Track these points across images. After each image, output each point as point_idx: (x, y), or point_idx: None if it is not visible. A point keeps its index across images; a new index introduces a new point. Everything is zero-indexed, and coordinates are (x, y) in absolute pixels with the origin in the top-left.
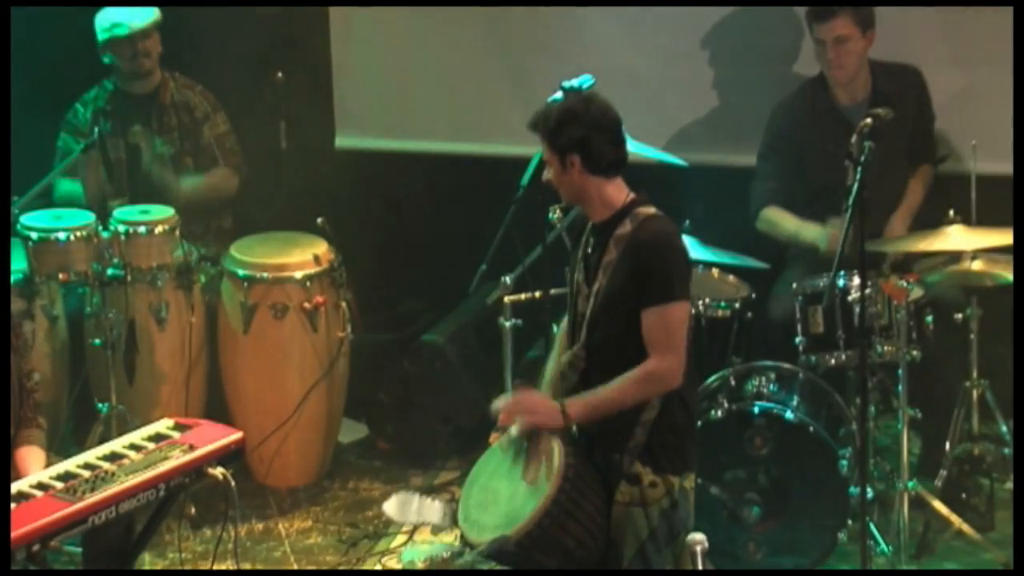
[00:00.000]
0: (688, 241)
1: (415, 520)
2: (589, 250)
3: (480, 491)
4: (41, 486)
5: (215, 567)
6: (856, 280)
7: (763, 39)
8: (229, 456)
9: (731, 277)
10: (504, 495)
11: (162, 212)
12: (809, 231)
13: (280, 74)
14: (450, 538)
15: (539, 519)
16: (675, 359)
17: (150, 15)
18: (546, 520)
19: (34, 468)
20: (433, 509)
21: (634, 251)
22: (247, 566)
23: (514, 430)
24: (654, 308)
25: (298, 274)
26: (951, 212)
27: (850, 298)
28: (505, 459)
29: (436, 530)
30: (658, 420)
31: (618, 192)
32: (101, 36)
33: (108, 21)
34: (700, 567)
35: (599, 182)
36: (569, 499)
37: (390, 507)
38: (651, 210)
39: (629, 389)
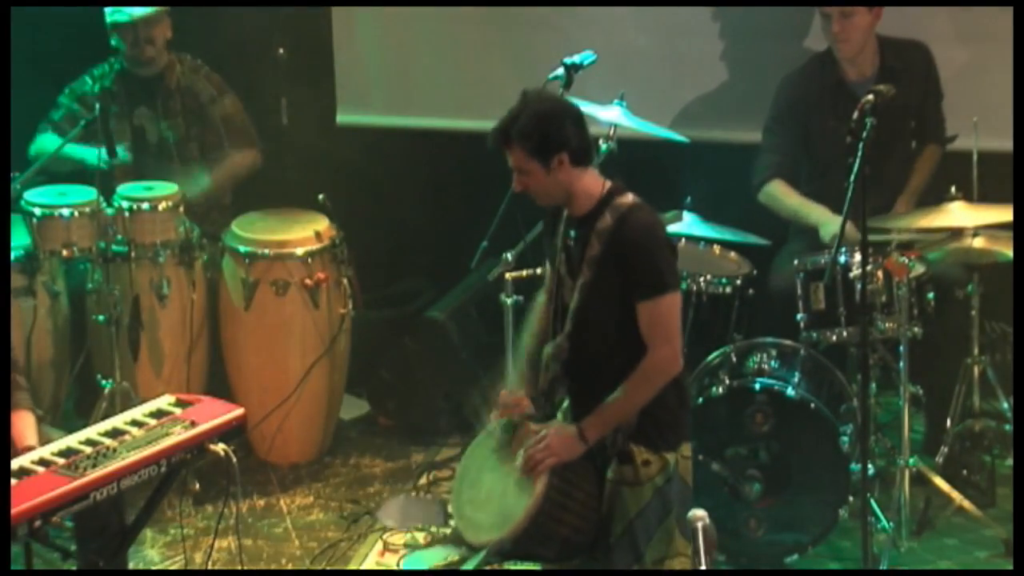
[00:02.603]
0: (689, 218)
1: (414, 524)
2: (571, 242)
3: (470, 487)
4: (43, 462)
5: (216, 543)
6: (857, 257)
7: (767, 15)
8: (231, 432)
9: (732, 254)
10: (496, 491)
11: (166, 188)
12: (812, 213)
13: (281, 50)
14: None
15: (533, 516)
16: (670, 349)
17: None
18: (540, 517)
19: (27, 432)
20: (429, 510)
21: (619, 247)
22: (248, 542)
23: (496, 422)
24: (646, 303)
25: (299, 250)
26: (952, 189)
27: (851, 275)
28: (491, 452)
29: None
30: (649, 403)
31: (595, 181)
32: (108, 18)
33: (113, 6)
34: (701, 544)
35: (580, 174)
36: (559, 492)
37: (386, 515)
38: (629, 199)
39: (635, 390)
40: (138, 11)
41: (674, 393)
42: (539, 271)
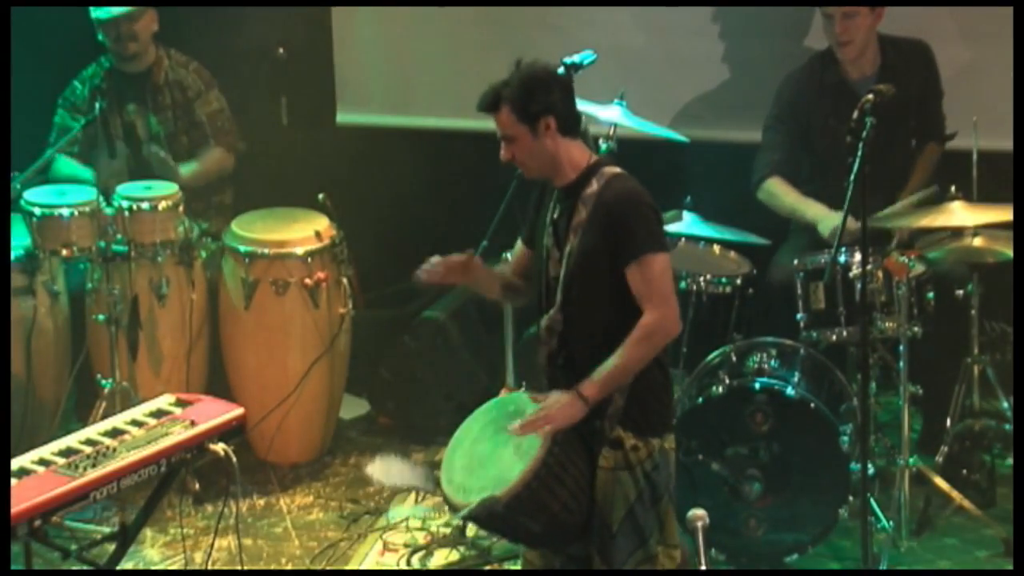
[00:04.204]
0: (689, 217)
1: (398, 483)
2: (555, 215)
3: (464, 455)
4: (43, 461)
5: (216, 543)
6: (857, 256)
7: (767, 14)
8: (230, 432)
9: (732, 253)
10: (491, 458)
11: (166, 188)
12: (809, 209)
13: (281, 50)
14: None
15: (528, 481)
16: (666, 309)
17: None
18: (535, 482)
19: None
20: (416, 472)
21: (603, 210)
22: (248, 542)
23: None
24: (633, 265)
25: (299, 250)
26: (952, 188)
27: (851, 274)
28: (488, 423)
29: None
30: (636, 384)
31: (582, 152)
32: (92, 15)
33: (105, 4)
34: (701, 543)
35: (568, 143)
36: (557, 462)
37: (374, 469)
38: (616, 169)
39: (633, 351)
40: (116, 9)
41: (661, 378)
42: None
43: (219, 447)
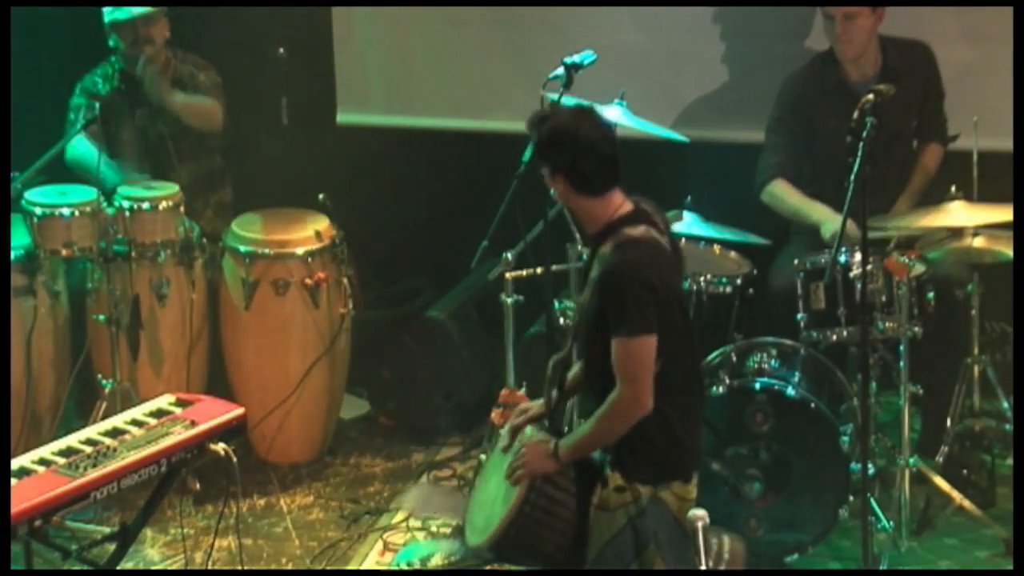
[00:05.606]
0: (689, 217)
1: (433, 512)
2: (582, 264)
3: (482, 487)
4: (43, 461)
5: (217, 543)
6: (858, 256)
7: (768, 15)
8: (231, 432)
9: (732, 253)
10: (491, 496)
11: (166, 188)
12: (814, 212)
13: (282, 50)
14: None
15: (506, 528)
16: (635, 390)
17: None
18: (513, 529)
19: None
20: (449, 503)
21: (603, 278)
22: (248, 542)
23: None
24: (616, 339)
25: (300, 250)
26: (952, 188)
27: (852, 274)
28: (504, 460)
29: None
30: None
31: (605, 207)
32: (106, 17)
33: (112, 4)
34: (701, 543)
35: (584, 200)
36: (537, 507)
37: (408, 502)
38: (637, 231)
39: (602, 425)
40: (137, 9)
41: (658, 429)
42: (539, 271)
43: (219, 447)
